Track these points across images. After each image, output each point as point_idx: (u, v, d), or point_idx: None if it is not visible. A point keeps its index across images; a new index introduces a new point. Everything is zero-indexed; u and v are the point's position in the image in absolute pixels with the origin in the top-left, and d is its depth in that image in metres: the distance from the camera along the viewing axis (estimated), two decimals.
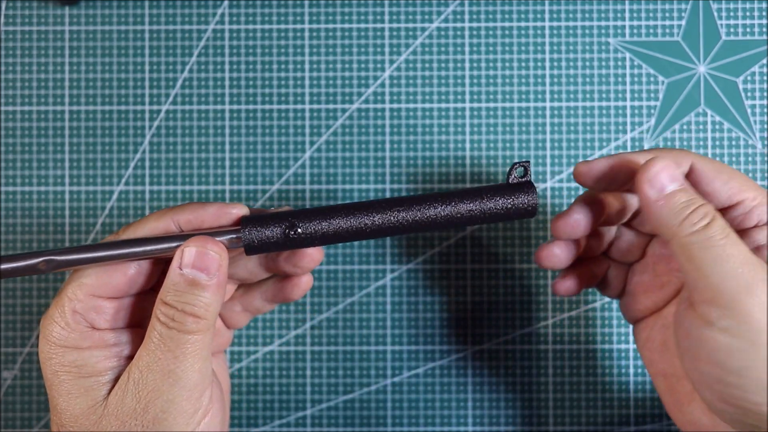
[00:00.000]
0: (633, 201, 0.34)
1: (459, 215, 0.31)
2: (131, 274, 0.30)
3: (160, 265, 0.32)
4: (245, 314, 0.36)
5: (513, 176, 0.31)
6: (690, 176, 0.31)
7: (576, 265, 0.36)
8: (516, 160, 0.31)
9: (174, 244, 0.30)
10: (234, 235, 0.30)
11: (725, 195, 0.31)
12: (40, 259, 0.29)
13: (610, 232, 0.36)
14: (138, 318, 0.32)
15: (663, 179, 0.30)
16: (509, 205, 0.31)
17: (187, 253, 0.29)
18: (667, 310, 0.34)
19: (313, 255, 0.33)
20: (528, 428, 0.42)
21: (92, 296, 0.30)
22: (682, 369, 0.33)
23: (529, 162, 0.32)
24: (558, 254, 0.35)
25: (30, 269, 0.29)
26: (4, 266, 0.29)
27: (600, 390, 0.42)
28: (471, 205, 0.31)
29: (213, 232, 0.30)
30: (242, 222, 0.30)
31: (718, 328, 0.28)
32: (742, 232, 0.31)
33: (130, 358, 0.30)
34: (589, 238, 0.36)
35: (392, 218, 0.31)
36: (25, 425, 0.42)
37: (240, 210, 0.31)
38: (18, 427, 0.42)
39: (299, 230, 0.30)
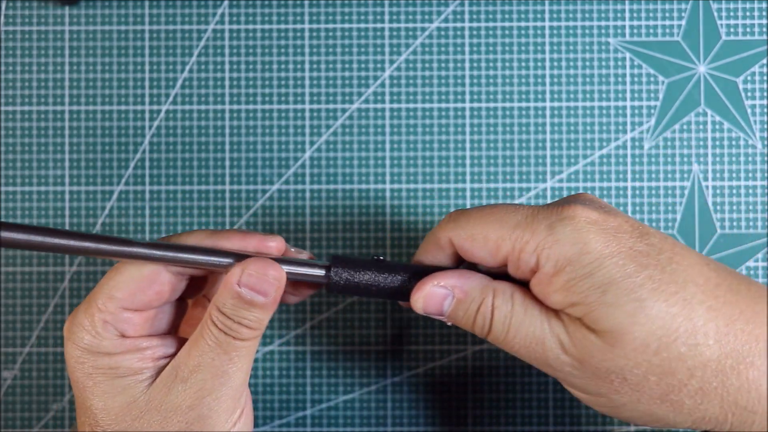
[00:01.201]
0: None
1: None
2: (163, 290, 0.31)
3: (193, 281, 0.33)
4: None
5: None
6: (457, 252, 0.30)
7: None
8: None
9: (230, 260, 0.30)
10: (322, 272, 0.31)
11: (491, 260, 0.29)
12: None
13: None
14: (166, 325, 0.33)
15: (433, 307, 0.30)
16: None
17: (247, 274, 0.30)
18: None
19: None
20: (528, 428, 0.42)
21: (123, 309, 0.30)
22: None
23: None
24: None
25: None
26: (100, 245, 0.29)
27: None
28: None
29: (303, 263, 0.31)
30: (332, 261, 0.31)
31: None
32: (533, 283, 0.29)
33: (163, 358, 0.31)
34: None
35: None
36: (25, 425, 0.42)
37: (278, 242, 0.31)
38: (18, 427, 0.42)
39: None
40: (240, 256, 0.30)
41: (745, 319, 0.27)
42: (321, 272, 0.31)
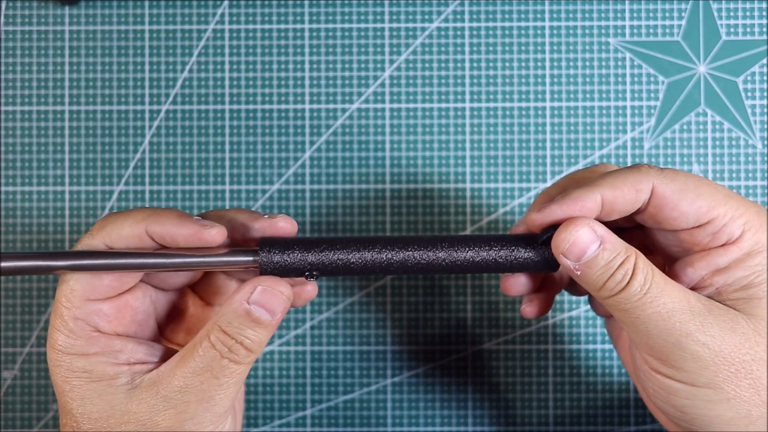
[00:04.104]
0: None
1: (482, 263, 0.30)
2: (118, 274, 0.30)
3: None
4: None
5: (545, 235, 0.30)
6: (652, 200, 0.29)
7: (546, 282, 0.36)
8: (555, 224, 0.30)
9: (209, 260, 0.29)
10: (251, 258, 0.30)
11: (693, 217, 0.29)
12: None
13: None
14: (142, 327, 0.32)
15: (576, 250, 0.28)
16: (534, 259, 0.30)
17: (259, 290, 0.29)
18: None
19: (309, 294, 0.33)
20: (528, 428, 0.42)
21: (88, 301, 0.30)
22: None
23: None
24: (523, 282, 0.33)
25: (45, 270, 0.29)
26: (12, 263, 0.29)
27: (600, 390, 0.42)
28: (491, 253, 0.30)
29: (232, 251, 0.30)
30: (261, 245, 0.30)
31: (658, 371, 0.29)
32: (709, 253, 0.29)
33: (139, 364, 0.30)
34: None
35: (415, 257, 0.30)
36: (25, 425, 0.42)
37: (217, 234, 0.29)
38: (18, 427, 0.42)
39: (316, 273, 0.30)
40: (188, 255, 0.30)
41: None
42: (250, 258, 0.30)
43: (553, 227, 0.29)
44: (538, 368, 0.42)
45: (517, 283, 0.33)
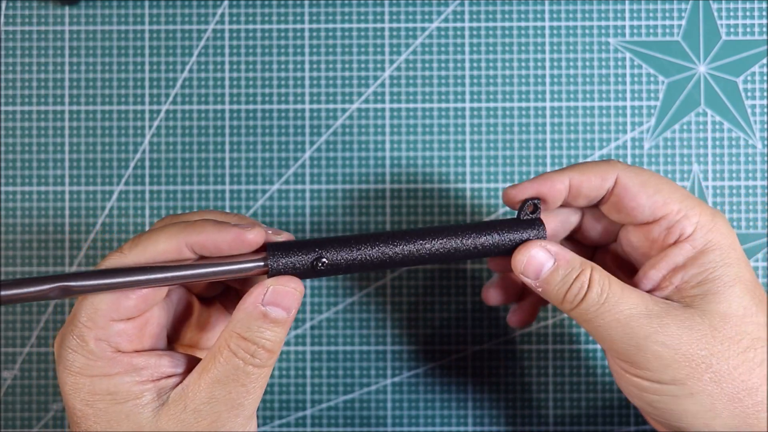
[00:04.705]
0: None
1: (472, 248, 0.31)
2: (144, 292, 0.29)
3: None
4: None
5: (524, 213, 0.32)
6: (615, 189, 0.31)
7: (527, 292, 0.37)
8: (529, 198, 0.31)
9: (213, 270, 0.29)
10: (261, 263, 0.30)
11: (648, 210, 0.31)
12: (56, 284, 0.28)
13: None
14: (153, 340, 0.31)
15: (532, 269, 0.30)
16: (520, 240, 0.31)
17: (271, 291, 0.29)
18: None
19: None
20: (528, 428, 0.42)
21: (112, 321, 0.29)
22: None
23: (539, 200, 0.32)
24: (502, 293, 0.36)
25: (42, 296, 0.28)
26: (4, 292, 0.27)
27: (600, 390, 0.42)
28: (484, 238, 0.31)
29: (238, 259, 0.30)
30: (268, 249, 0.30)
31: (628, 372, 0.30)
32: (666, 250, 0.31)
33: (163, 378, 0.30)
34: None
35: (409, 249, 0.31)
36: (25, 425, 0.42)
37: (257, 235, 0.30)
38: (18, 427, 0.42)
39: (325, 261, 0.31)
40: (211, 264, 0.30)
41: None
42: (260, 263, 0.30)
43: (527, 200, 0.32)
44: (538, 368, 0.42)
45: (494, 294, 0.36)
